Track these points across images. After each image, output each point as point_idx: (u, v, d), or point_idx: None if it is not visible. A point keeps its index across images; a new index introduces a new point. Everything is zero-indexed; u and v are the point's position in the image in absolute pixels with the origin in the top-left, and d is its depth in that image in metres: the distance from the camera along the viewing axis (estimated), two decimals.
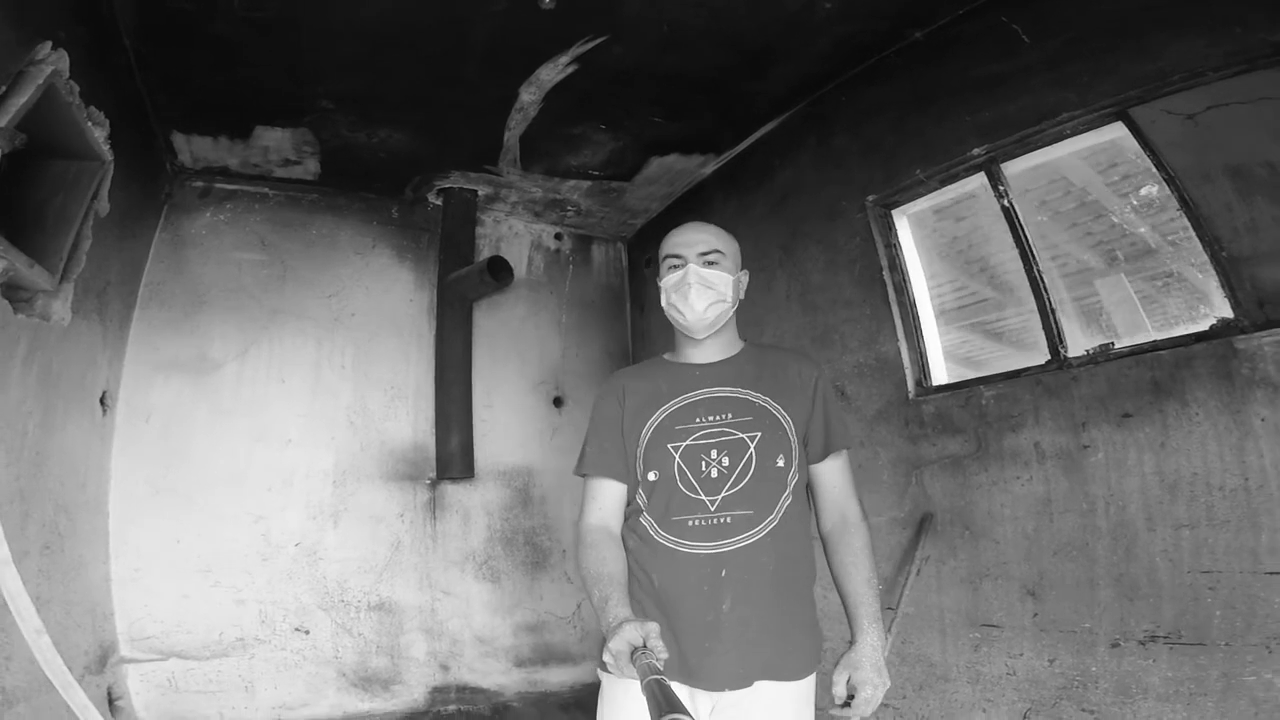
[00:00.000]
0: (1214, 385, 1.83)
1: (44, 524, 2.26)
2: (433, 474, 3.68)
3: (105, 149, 2.33)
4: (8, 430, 2.01)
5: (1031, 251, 2.27)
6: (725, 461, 1.27)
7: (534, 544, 3.94)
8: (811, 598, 1.33)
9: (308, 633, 3.23)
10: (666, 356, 1.49)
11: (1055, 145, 2.27)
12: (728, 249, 1.39)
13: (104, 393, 2.81)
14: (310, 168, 3.41)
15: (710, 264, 1.36)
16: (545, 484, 4.03)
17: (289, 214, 3.56)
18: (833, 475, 1.36)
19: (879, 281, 2.65)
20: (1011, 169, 2.39)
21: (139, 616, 2.93)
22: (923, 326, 2.57)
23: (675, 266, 1.38)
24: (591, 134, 3.26)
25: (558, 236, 4.34)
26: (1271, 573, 1.69)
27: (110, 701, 2.73)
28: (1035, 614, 2.10)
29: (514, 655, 3.71)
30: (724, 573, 1.23)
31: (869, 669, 1.22)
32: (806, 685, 1.28)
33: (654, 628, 1.02)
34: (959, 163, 2.46)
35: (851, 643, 1.26)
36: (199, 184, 3.38)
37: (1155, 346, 2.00)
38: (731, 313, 1.41)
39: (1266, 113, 1.83)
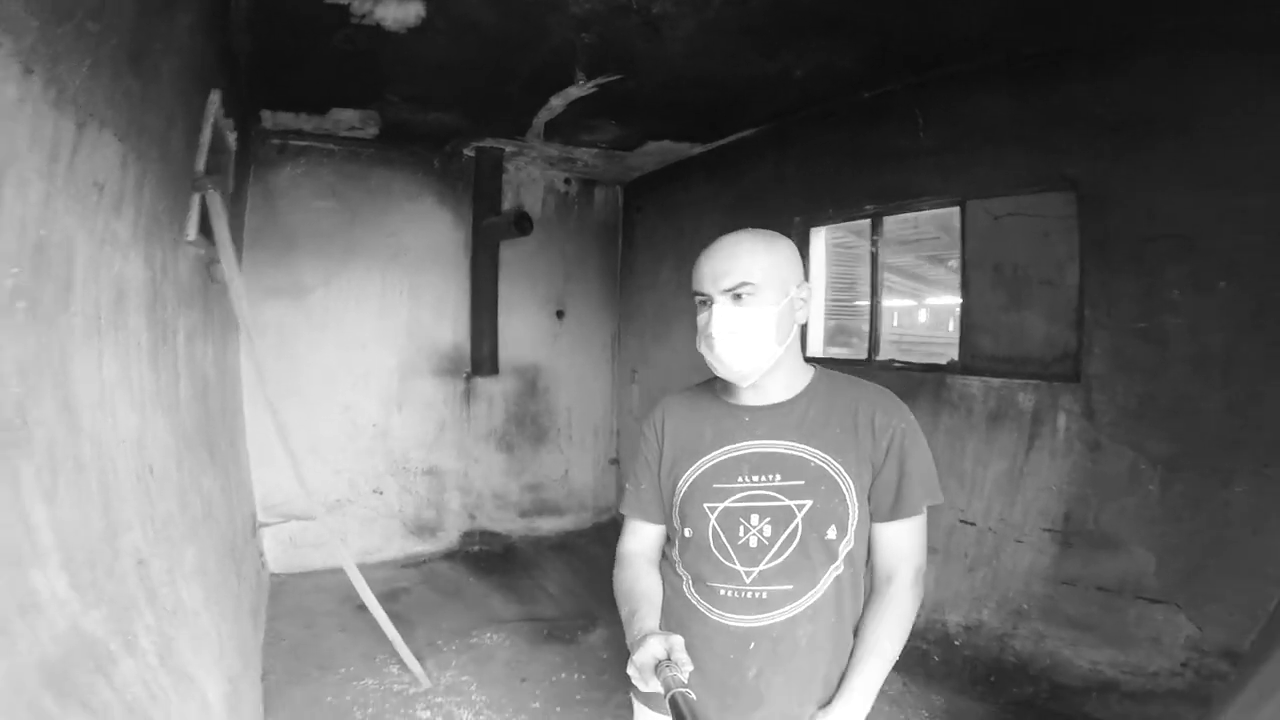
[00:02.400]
0: (930, 397, 3.06)
1: (229, 424, 3.42)
2: (468, 370, 4.84)
3: (233, 144, 3.18)
4: (216, 360, 3.13)
5: (877, 284, 3.35)
6: (767, 531, 1.12)
7: (538, 423, 5.24)
8: (846, 657, 1.17)
9: (381, 494, 4.55)
10: (719, 388, 1.27)
11: (916, 214, 3.26)
12: (767, 272, 1.11)
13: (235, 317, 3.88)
14: (370, 132, 4.22)
15: (739, 299, 1.11)
16: (548, 378, 5.26)
17: (351, 167, 4.39)
18: (893, 539, 1.15)
19: None
20: (889, 220, 3.39)
21: (268, 489, 4.04)
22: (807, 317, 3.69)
23: (702, 303, 1.15)
24: (603, 125, 4.07)
25: (567, 181, 5.21)
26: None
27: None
28: None
29: (519, 508, 5.12)
30: (753, 645, 1.14)
31: None
32: None
33: (678, 641, 0.99)
34: (857, 211, 3.45)
35: (826, 704, 1.13)
36: (276, 141, 4.17)
37: (913, 368, 3.22)
38: (781, 350, 1.15)
39: (1034, 226, 2.82)
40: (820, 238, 3.78)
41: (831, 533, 1.12)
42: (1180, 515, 2.39)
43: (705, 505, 1.17)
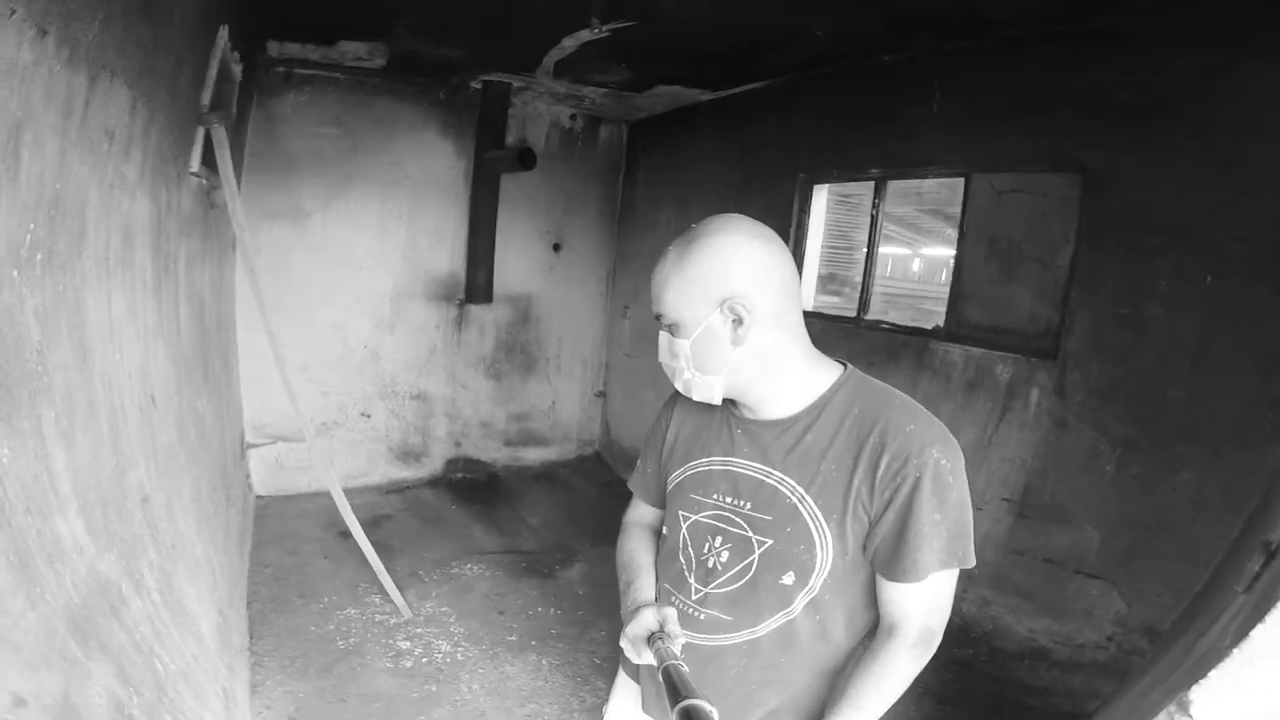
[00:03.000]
0: (912, 360, 3.16)
1: (221, 342, 3.46)
2: (462, 296, 4.86)
3: (238, 73, 3.13)
4: (213, 281, 3.16)
5: (874, 245, 3.39)
6: (724, 556, 1.04)
7: (528, 352, 5.31)
8: (805, 696, 1.06)
9: (369, 417, 4.64)
10: None
11: (921, 181, 3.26)
12: (675, 299, 0.99)
13: (233, 238, 3.88)
14: (377, 63, 4.09)
15: (669, 328, 1.02)
16: (541, 308, 5.30)
17: (357, 97, 4.28)
18: (895, 597, 0.98)
19: (787, 236, 3.73)
20: (895, 184, 3.40)
21: (257, 409, 4.09)
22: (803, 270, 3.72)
23: None
24: (614, 67, 3.95)
25: (573, 117, 5.10)
26: None
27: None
28: None
29: (505, 437, 5.26)
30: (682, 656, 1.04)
31: None
32: None
33: (671, 613, 0.99)
34: (862, 174, 3.44)
35: None
36: (281, 69, 4.05)
37: (899, 330, 3.31)
38: (721, 379, 1.01)
39: (1034, 205, 2.85)
40: (822, 195, 3.78)
41: (788, 579, 1.00)
42: (1130, 497, 2.52)
43: (680, 512, 1.13)
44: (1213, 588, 1.54)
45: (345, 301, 4.48)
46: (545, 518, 4.32)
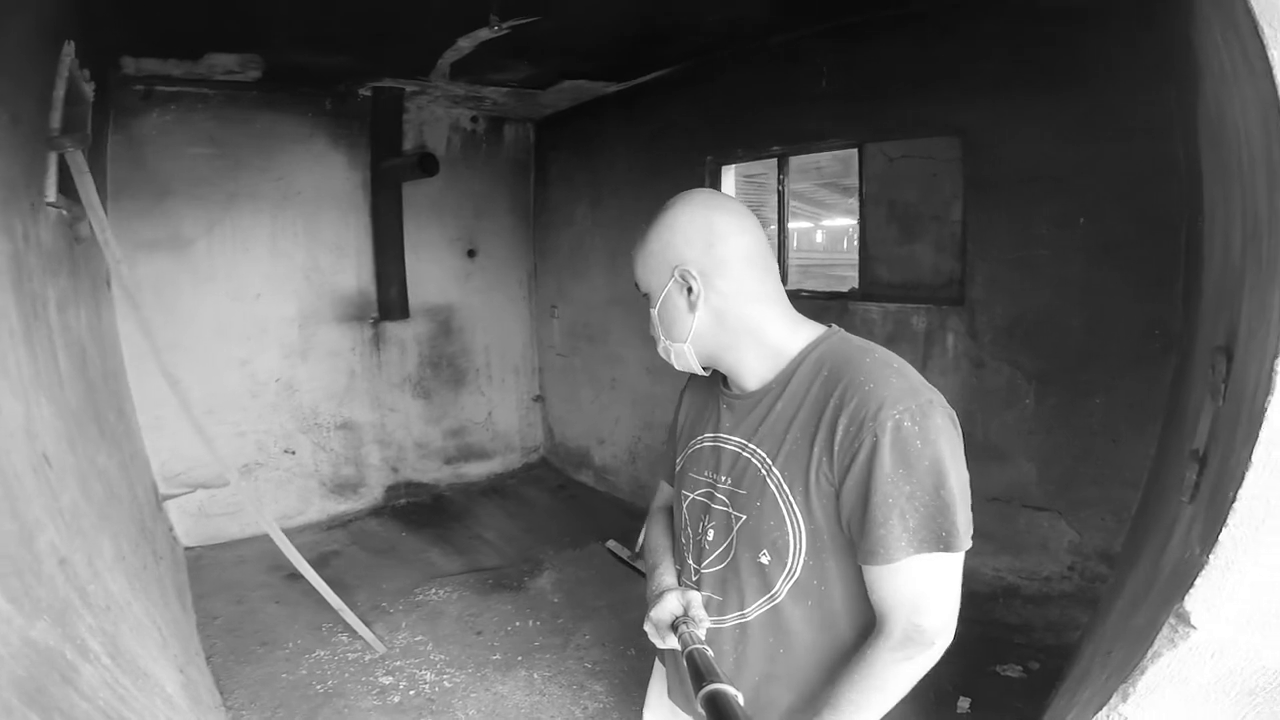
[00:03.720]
0: (834, 322, 3.22)
1: (113, 392, 3.16)
2: (375, 314, 4.64)
3: (90, 93, 2.87)
4: (91, 326, 2.89)
5: (784, 219, 3.51)
6: (711, 535, 1.02)
7: (454, 365, 5.13)
8: (805, 688, 0.98)
9: (294, 453, 4.36)
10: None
11: (820, 154, 3.38)
12: (643, 270, 1.01)
13: (107, 274, 3.53)
14: (251, 75, 3.82)
15: (646, 299, 1.04)
16: (463, 318, 5.13)
17: (232, 111, 3.99)
18: (875, 584, 0.88)
19: None
20: (795, 160, 3.51)
21: (167, 458, 3.73)
22: None
23: None
24: (515, 64, 3.85)
25: (474, 119, 4.96)
26: None
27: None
28: None
29: (444, 455, 5.06)
30: None
31: None
32: None
33: (696, 597, 0.98)
34: (764, 152, 3.55)
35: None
36: (140, 88, 3.72)
37: (819, 296, 3.49)
38: (685, 346, 1.01)
39: (923, 168, 3.03)
40: (730, 175, 3.87)
41: (764, 557, 0.95)
42: (1052, 427, 2.71)
43: (682, 492, 1.11)
44: (1150, 504, 1.63)
45: (246, 333, 4.19)
46: (502, 531, 4.19)
